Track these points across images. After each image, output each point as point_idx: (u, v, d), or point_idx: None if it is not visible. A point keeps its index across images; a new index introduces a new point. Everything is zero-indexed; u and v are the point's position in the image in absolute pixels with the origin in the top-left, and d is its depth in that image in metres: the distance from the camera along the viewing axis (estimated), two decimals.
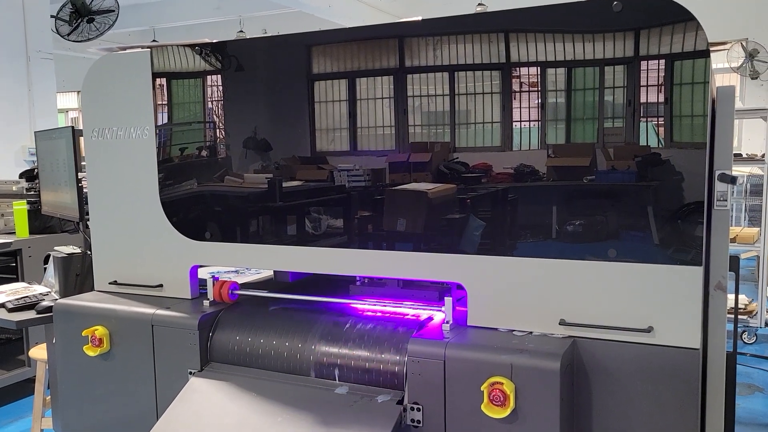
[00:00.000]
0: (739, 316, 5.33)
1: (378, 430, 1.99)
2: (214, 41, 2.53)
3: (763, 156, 5.67)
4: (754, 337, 5.85)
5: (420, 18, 2.16)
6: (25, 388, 4.63)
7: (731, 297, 2.28)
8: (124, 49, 2.67)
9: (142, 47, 2.61)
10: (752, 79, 10.18)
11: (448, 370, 1.99)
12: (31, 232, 4.73)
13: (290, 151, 2.47)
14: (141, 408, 2.49)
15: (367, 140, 2.34)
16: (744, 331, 5.78)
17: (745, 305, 5.75)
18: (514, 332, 2.10)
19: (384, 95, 2.29)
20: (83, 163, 2.95)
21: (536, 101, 2.09)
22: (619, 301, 1.98)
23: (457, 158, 2.20)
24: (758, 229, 6.08)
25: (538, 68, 2.08)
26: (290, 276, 2.77)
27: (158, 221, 2.63)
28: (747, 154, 6.18)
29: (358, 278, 2.56)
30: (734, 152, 2.07)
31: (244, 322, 2.45)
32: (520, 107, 2.12)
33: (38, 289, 3.53)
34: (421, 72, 2.22)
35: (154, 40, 10.92)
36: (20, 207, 4.70)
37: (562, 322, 2.03)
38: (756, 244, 5.75)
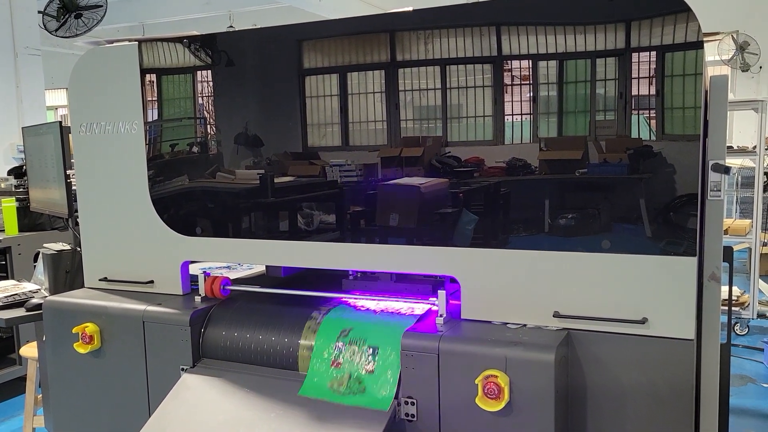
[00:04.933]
0: (732, 308, 5.36)
1: (372, 425, 1.98)
2: (203, 34, 2.50)
3: (754, 148, 5.69)
4: (746, 329, 5.89)
5: (411, 8, 2.14)
6: (17, 386, 4.60)
7: (725, 288, 2.28)
8: (112, 42, 2.64)
9: (130, 40, 2.58)
10: (743, 71, 10.23)
11: (442, 363, 1.98)
12: (20, 230, 4.69)
13: (282, 146, 2.45)
14: (133, 405, 2.47)
15: (359, 135, 2.33)
16: (736, 323, 5.81)
17: (737, 297, 5.78)
18: (508, 325, 2.09)
19: (375, 89, 2.27)
20: (72, 160, 2.92)
21: (528, 94, 2.08)
22: (614, 293, 1.97)
23: (450, 152, 2.19)
24: (750, 221, 6.10)
25: (530, 61, 2.07)
26: (282, 271, 2.75)
27: (148, 217, 2.60)
28: (738, 147, 6.19)
29: (351, 272, 2.55)
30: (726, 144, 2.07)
31: (236, 318, 2.43)
32: (512, 100, 2.11)
33: (28, 286, 3.50)
34: (412, 66, 2.20)
35: None
36: (9, 204, 4.66)
37: (556, 315, 2.03)
38: (748, 235, 5.78)
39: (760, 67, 10.37)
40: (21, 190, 4.92)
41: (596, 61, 1.99)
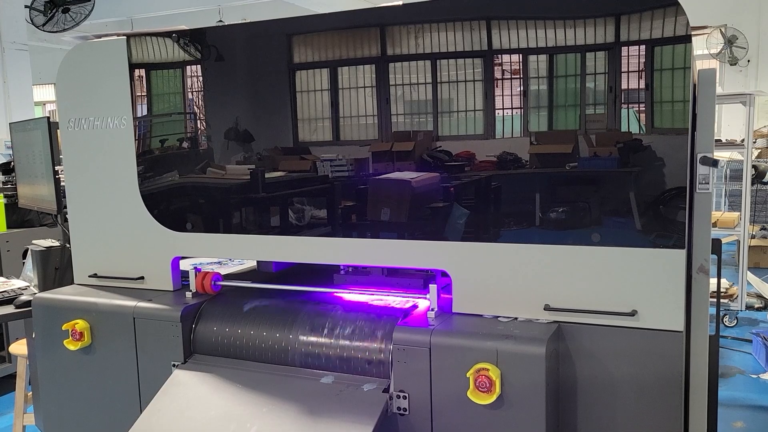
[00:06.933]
0: (721, 300, 5.41)
1: (364, 419, 1.99)
2: (192, 28, 2.49)
3: (742, 141, 5.73)
4: (735, 321, 5.94)
5: (401, 2, 2.14)
6: (6, 384, 4.58)
7: (714, 280, 2.30)
8: (100, 37, 2.62)
9: (118, 35, 2.56)
10: (731, 65, 10.30)
11: (434, 357, 1.99)
12: (8, 226, 4.66)
13: (272, 141, 2.45)
14: (124, 402, 2.46)
15: (350, 130, 2.32)
16: (725, 315, 5.87)
17: (726, 289, 5.83)
18: (499, 318, 2.10)
19: (366, 84, 2.27)
20: (61, 156, 2.90)
21: (518, 88, 2.09)
22: (603, 286, 1.99)
23: (441, 147, 2.19)
24: (738, 213, 6.15)
25: (520, 55, 2.07)
26: (274, 266, 2.75)
27: (138, 212, 2.59)
28: (727, 140, 6.24)
29: (342, 267, 2.55)
30: (714, 137, 2.09)
31: (227, 313, 2.43)
32: (503, 95, 2.11)
33: (17, 283, 3.48)
34: (402, 60, 2.20)
35: None
36: None
37: (547, 308, 2.04)
38: (736, 228, 5.83)
39: (748, 61, 10.45)
40: (9, 186, 4.88)
41: (586, 55, 2.00)
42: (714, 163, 1.99)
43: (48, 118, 3.41)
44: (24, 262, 3.64)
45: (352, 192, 2.33)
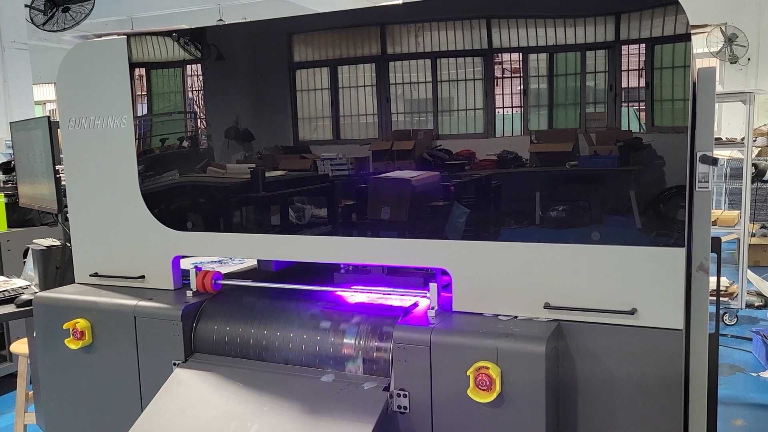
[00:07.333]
0: (721, 298, 5.41)
1: (364, 417, 1.99)
2: (192, 27, 2.49)
3: (742, 140, 5.73)
4: (735, 319, 5.94)
5: (401, 1, 2.14)
6: (7, 383, 4.58)
7: (713, 279, 2.30)
8: (100, 36, 2.62)
9: (119, 34, 2.57)
10: (731, 63, 10.30)
11: (434, 355, 1.99)
12: (9, 225, 4.66)
13: (272, 140, 2.45)
14: (125, 400, 2.47)
15: (350, 129, 2.33)
16: (725, 313, 5.87)
17: (726, 287, 5.84)
18: (499, 317, 2.10)
19: (366, 83, 2.27)
20: (61, 155, 2.90)
21: (518, 87, 2.09)
22: (603, 284, 1.99)
23: (441, 145, 2.19)
24: (738, 212, 6.15)
25: (520, 53, 2.07)
26: (274, 265, 2.75)
27: (139, 211, 2.59)
28: (727, 138, 6.24)
29: (342, 266, 2.55)
30: (714, 136, 2.09)
31: (228, 312, 2.43)
32: (503, 93, 2.11)
33: (17, 282, 3.48)
34: (403, 59, 2.20)
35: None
36: None
37: (547, 306, 2.04)
38: (736, 226, 5.83)
39: (749, 59, 10.45)
40: (9, 185, 4.89)
41: (586, 53, 2.00)
42: (714, 161, 1.99)
43: (48, 117, 3.42)
44: (25, 262, 3.64)
45: (352, 191, 2.34)
